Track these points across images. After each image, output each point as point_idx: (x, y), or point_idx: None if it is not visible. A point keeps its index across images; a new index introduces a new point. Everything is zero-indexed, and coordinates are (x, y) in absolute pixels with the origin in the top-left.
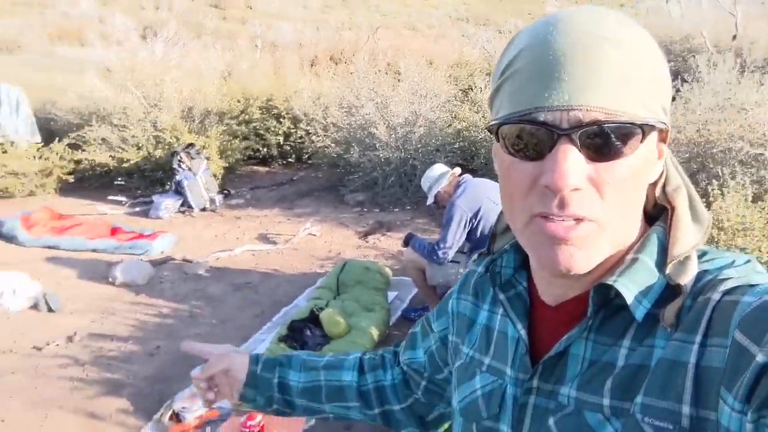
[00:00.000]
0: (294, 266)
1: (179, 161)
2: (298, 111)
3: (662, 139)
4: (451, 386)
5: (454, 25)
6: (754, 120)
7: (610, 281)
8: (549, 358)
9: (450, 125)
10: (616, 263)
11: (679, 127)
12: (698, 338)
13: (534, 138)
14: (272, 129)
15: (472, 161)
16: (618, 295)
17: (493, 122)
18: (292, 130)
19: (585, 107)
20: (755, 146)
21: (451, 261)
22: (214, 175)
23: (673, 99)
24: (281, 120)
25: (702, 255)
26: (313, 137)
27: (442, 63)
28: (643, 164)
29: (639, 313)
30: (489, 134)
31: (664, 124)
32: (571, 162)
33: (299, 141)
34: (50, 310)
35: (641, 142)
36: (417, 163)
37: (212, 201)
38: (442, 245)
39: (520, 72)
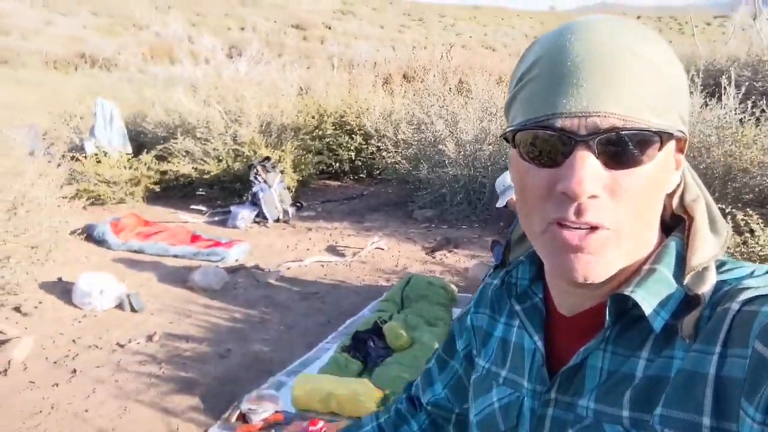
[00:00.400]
0: (360, 278)
1: (256, 174)
2: (370, 127)
3: (680, 149)
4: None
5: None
6: None
7: (627, 291)
8: (566, 370)
9: None
10: (633, 273)
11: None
12: (718, 349)
13: (550, 144)
14: (344, 145)
15: None
16: (635, 305)
17: (509, 129)
18: (364, 146)
19: (602, 113)
20: None
21: None
22: (288, 188)
23: (757, 120)
24: (353, 136)
25: (720, 265)
26: (384, 153)
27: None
28: (660, 173)
29: (657, 324)
30: (506, 142)
31: (683, 133)
32: (588, 169)
33: (370, 157)
34: (133, 310)
35: (659, 150)
36: (486, 180)
37: (285, 213)
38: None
39: (537, 79)
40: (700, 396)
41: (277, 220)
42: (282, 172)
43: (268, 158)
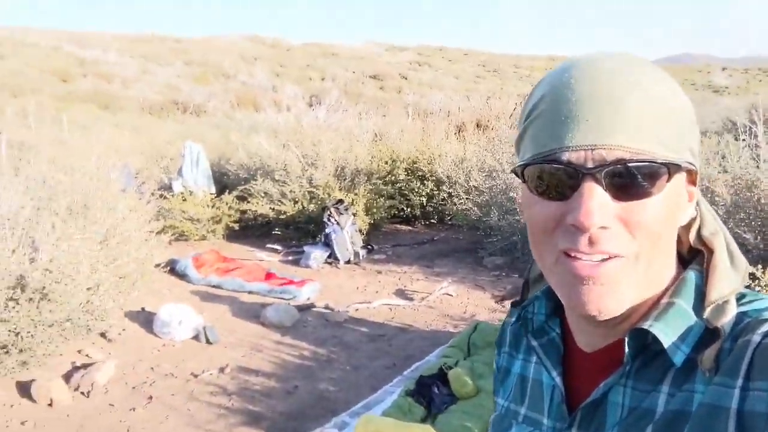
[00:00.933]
0: (428, 323)
1: (329, 215)
2: (442, 174)
3: (692, 182)
4: None
5: None
6: None
7: (645, 326)
8: (586, 406)
9: None
10: (652, 308)
11: None
12: (740, 382)
13: (558, 178)
14: (416, 190)
15: None
16: (655, 340)
17: (519, 165)
18: (435, 192)
19: (609, 146)
20: None
21: None
22: (360, 231)
23: None
24: (425, 182)
25: (740, 298)
26: (455, 200)
27: None
28: (671, 205)
29: (678, 358)
30: (516, 177)
31: (692, 165)
32: (596, 200)
33: (441, 202)
34: (208, 342)
35: (667, 181)
36: None
37: (356, 254)
38: None
39: (544, 114)
40: (723, 430)
41: (348, 262)
42: (354, 214)
43: (341, 201)
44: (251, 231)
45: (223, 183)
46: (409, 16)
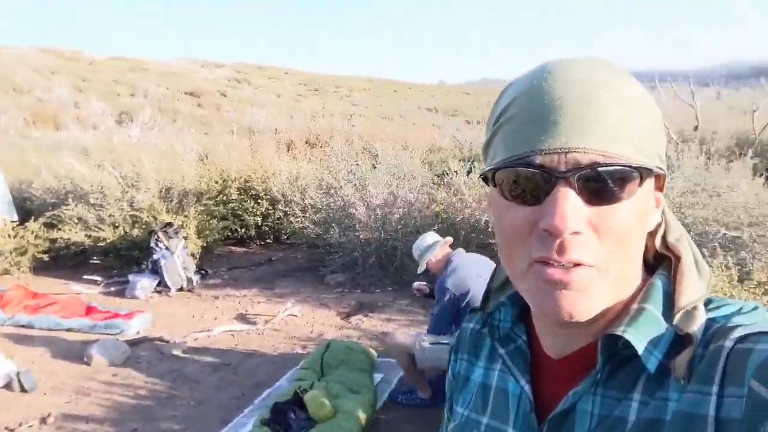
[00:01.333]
0: (275, 347)
1: (157, 240)
2: (277, 192)
3: (659, 188)
4: None
5: (423, 115)
6: (728, 204)
7: (619, 331)
8: (555, 416)
9: (428, 207)
10: (620, 313)
11: None
12: (715, 389)
13: (531, 182)
14: (250, 210)
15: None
16: (626, 345)
17: (489, 168)
18: (270, 211)
19: (582, 149)
20: (731, 229)
21: (441, 343)
22: (192, 255)
23: None
24: (259, 201)
25: (707, 303)
26: (292, 218)
27: (415, 149)
28: (641, 210)
29: (651, 364)
30: (485, 182)
31: (661, 169)
32: (570, 205)
33: (277, 222)
34: (24, 390)
35: (639, 186)
36: (397, 243)
37: (189, 281)
38: (437, 325)
39: (516, 117)
40: None
41: (181, 289)
42: (185, 238)
43: (170, 224)
44: (64, 261)
45: (26, 209)
46: (222, 34)
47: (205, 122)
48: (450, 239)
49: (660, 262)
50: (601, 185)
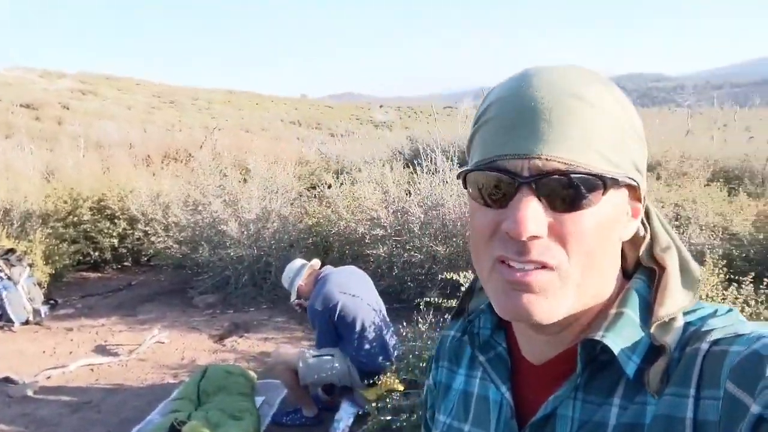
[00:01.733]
0: (142, 378)
1: None
2: (135, 211)
3: (637, 198)
4: None
5: (287, 128)
6: None
7: (597, 336)
8: (536, 422)
9: (301, 220)
10: (596, 317)
11: None
12: (692, 391)
13: (496, 186)
14: (105, 231)
15: (327, 255)
16: (604, 350)
17: (462, 171)
18: (129, 231)
19: (545, 156)
20: None
21: (325, 356)
22: (39, 284)
23: None
24: (116, 221)
25: None
26: (153, 238)
27: (285, 161)
28: (608, 219)
29: (630, 369)
30: (463, 186)
31: (634, 181)
32: (530, 210)
33: (137, 242)
34: None
35: (603, 194)
36: (271, 259)
37: (36, 312)
38: (320, 347)
39: (491, 122)
40: None
41: (27, 322)
42: (30, 265)
43: (11, 250)
44: None
45: None
46: (64, 43)
47: (46, 137)
48: (317, 261)
49: (638, 268)
50: (563, 192)
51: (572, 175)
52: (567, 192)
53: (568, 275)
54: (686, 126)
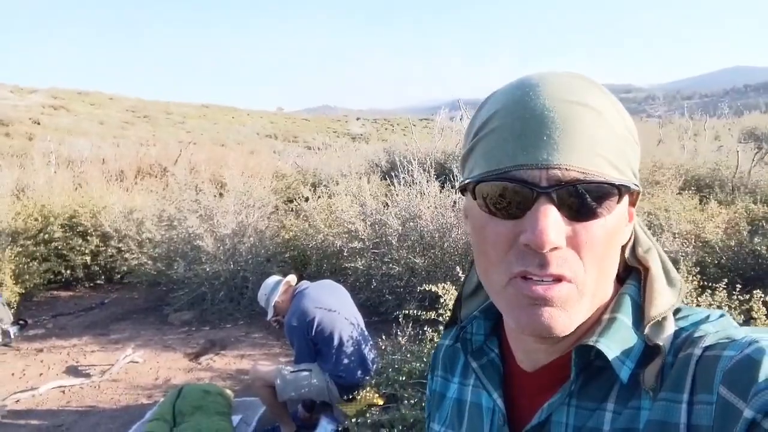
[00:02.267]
0: (115, 400)
1: None
2: (108, 227)
3: (632, 203)
4: None
5: (263, 142)
6: None
7: (591, 342)
8: (530, 429)
9: (278, 234)
10: (592, 324)
11: None
12: (685, 396)
13: (513, 196)
14: (77, 248)
15: (305, 269)
16: (598, 356)
17: (469, 180)
18: (101, 249)
19: (564, 166)
20: None
21: (303, 371)
22: (8, 304)
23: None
24: (88, 238)
25: (676, 312)
26: (127, 255)
27: (261, 175)
28: (616, 225)
29: (624, 374)
30: (462, 194)
31: (637, 186)
32: (551, 220)
33: (110, 260)
34: None
35: (618, 203)
36: (248, 274)
37: (5, 333)
38: (299, 362)
39: (497, 131)
40: None
41: None
42: None
43: None
44: None
45: None
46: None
47: (16, 153)
48: (293, 277)
49: (630, 273)
50: (582, 202)
51: (590, 185)
52: (585, 202)
53: (584, 286)
54: (658, 135)
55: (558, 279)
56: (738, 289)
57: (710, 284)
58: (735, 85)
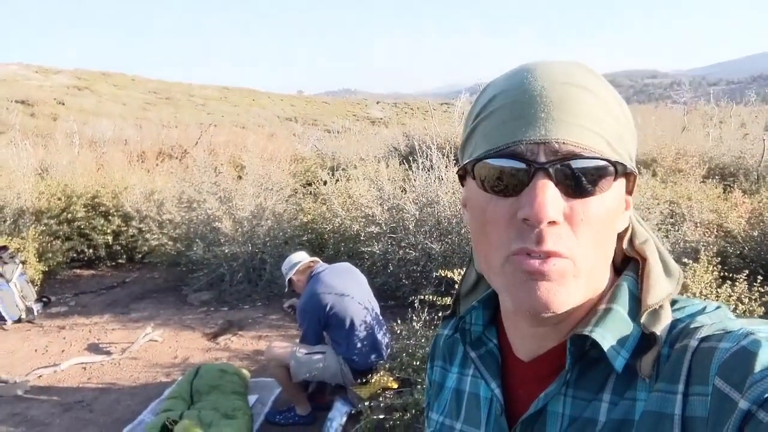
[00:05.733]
0: (134, 377)
1: None
2: (130, 208)
3: (628, 191)
4: None
5: (283, 125)
6: None
7: (586, 331)
8: (527, 419)
9: (296, 218)
10: (589, 313)
11: None
12: (680, 388)
13: (511, 173)
14: (99, 228)
15: (322, 252)
16: (594, 346)
17: (468, 161)
18: (123, 229)
19: (561, 140)
20: None
21: (316, 353)
22: (32, 281)
23: None
24: (110, 218)
25: (672, 303)
26: (148, 235)
27: (280, 158)
28: (613, 207)
29: (618, 364)
30: (461, 178)
31: (633, 169)
32: (549, 194)
33: (131, 239)
34: None
35: (614, 180)
36: (266, 256)
37: (29, 311)
38: (305, 343)
39: (497, 113)
40: None
41: (19, 320)
42: (23, 262)
43: (4, 248)
44: None
45: None
46: (60, 38)
47: (41, 134)
48: (316, 259)
49: (627, 264)
50: (579, 178)
51: (587, 160)
52: (582, 178)
53: (580, 264)
54: (682, 122)
55: (555, 254)
56: (759, 281)
57: (731, 275)
58: (763, 71)
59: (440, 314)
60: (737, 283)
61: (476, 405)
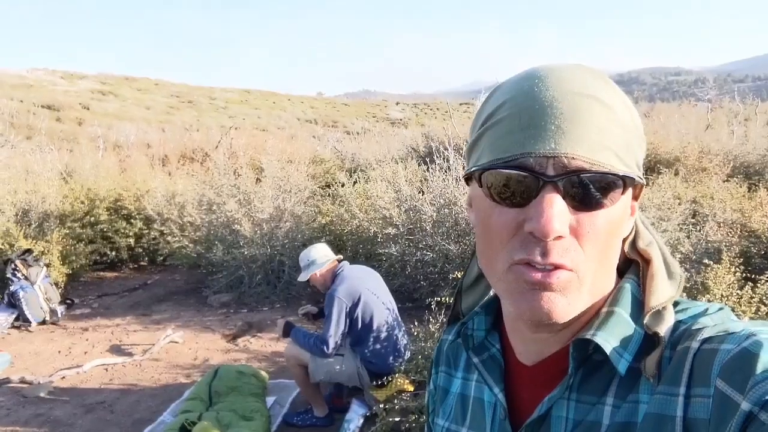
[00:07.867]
0: (155, 378)
1: (14, 270)
2: (151, 211)
3: (635, 196)
4: None
5: (303, 127)
6: None
7: (588, 335)
8: (531, 423)
9: (315, 220)
10: (591, 317)
11: None
12: (682, 390)
13: (518, 184)
14: (122, 231)
15: (340, 254)
16: (597, 349)
17: (475, 168)
18: (145, 231)
19: (570, 155)
20: None
21: (335, 355)
22: (56, 284)
23: None
24: (132, 221)
25: (675, 305)
26: (169, 238)
27: (299, 160)
28: (619, 217)
29: (622, 367)
30: (467, 182)
31: (641, 179)
32: (557, 209)
33: (153, 242)
34: None
35: (622, 194)
36: (285, 258)
37: (53, 312)
38: (325, 337)
39: (505, 121)
40: None
41: (44, 322)
42: (48, 265)
43: (29, 251)
44: None
45: None
46: (85, 44)
47: (66, 138)
48: (340, 257)
49: (629, 266)
50: (587, 191)
51: (596, 174)
52: (590, 191)
53: (584, 276)
54: (706, 120)
55: (559, 267)
56: None
57: (754, 276)
58: None
59: None
60: (759, 285)
61: (481, 410)
